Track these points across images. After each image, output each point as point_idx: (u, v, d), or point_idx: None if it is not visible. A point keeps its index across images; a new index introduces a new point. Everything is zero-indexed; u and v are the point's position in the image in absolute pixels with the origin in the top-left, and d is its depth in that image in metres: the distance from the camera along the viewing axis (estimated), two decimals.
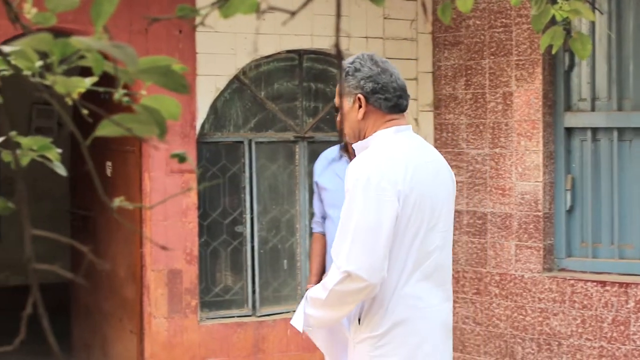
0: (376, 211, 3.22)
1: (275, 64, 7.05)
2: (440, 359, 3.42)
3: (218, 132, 6.87)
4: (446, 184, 3.47)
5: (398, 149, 3.35)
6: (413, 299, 3.34)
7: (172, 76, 1.39)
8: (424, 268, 3.37)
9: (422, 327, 3.36)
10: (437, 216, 3.40)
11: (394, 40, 7.24)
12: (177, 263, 6.57)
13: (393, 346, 3.35)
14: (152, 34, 6.48)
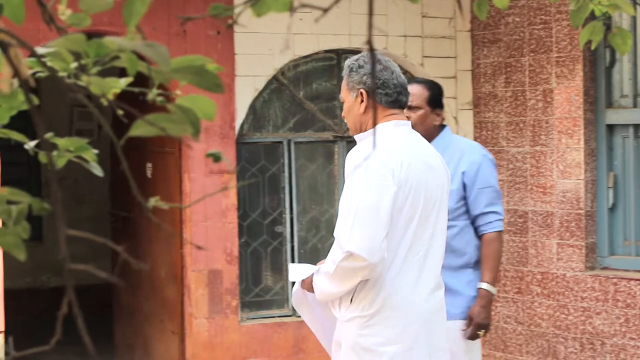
0: (376, 194, 3.41)
1: (313, 63, 7.04)
2: (426, 344, 3.57)
3: (257, 133, 6.88)
4: (440, 178, 3.65)
5: (395, 140, 3.55)
6: (404, 284, 3.52)
7: (206, 75, 1.39)
8: (416, 255, 3.55)
9: (409, 311, 3.54)
10: (431, 207, 3.58)
11: (432, 38, 7.21)
12: (218, 263, 6.59)
13: (381, 328, 3.52)
14: (190, 36, 6.51)
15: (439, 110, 4.43)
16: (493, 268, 4.32)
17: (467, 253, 4.36)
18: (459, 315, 4.32)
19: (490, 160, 4.44)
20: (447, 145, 4.40)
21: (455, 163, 4.35)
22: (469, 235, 4.37)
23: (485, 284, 4.31)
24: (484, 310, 4.27)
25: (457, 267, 4.35)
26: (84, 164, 1.72)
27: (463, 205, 4.36)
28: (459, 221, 4.35)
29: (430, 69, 7.12)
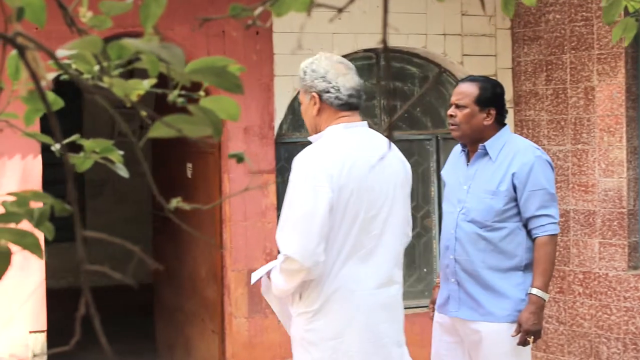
0: (312, 200, 3.57)
1: (352, 63, 7.01)
2: (375, 339, 3.71)
3: (296, 132, 6.88)
4: (394, 176, 3.80)
5: (340, 143, 3.71)
6: (348, 280, 3.67)
7: (226, 76, 1.39)
8: (361, 253, 3.69)
9: (353, 307, 3.68)
10: (379, 206, 3.72)
11: (472, 36, 7.16)
12: (257, 263, 6.59)
13: (325, 322, 3.69)
14: (229, 37, 6.53)
15: (489, 110, 4.35)
16: (544, 272, 4.21)
17: (518, 255, 4.28)
18: (505, 318, 4.25)
19: (545, 161, 4.31)
20: (502, 145, 4.32)
21: (507, 164, 4.28)
22: (520, 238, 4.28)
23: (536, 289, 4.21)
24: (533, 316, 4.17)
25: (506, 269, 4.28)
26: (110, 165, 1.73)
27: (514, 207, 4.27)
28: (508, 223, 4.27)
29: (470, 68, 7.08)
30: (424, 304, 7.09)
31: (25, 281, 6.04)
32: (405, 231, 3.87)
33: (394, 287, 3.78)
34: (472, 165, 4.41)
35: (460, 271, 4.38)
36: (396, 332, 3.83)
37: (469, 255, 4.34)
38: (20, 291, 6.03)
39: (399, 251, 3.82)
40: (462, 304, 4.38)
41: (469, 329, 4.37)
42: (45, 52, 1.20)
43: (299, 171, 3.67)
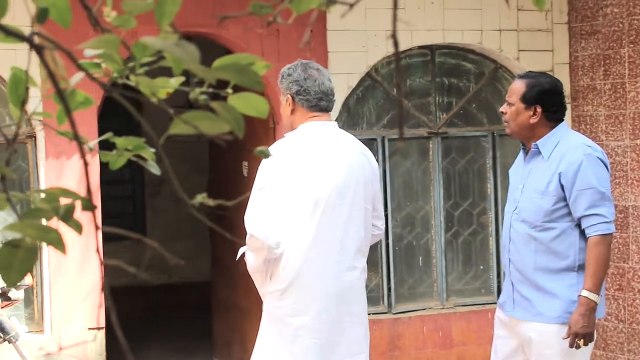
0: (268, 187, 4.16)
1: (407, 60, 7.01)
2: (335, 319, 4.22)
3: (351, 130, 6.87)
4: (358, 171, 4.30)
5: (305, 140, 4.28)
6: (311, 264, 4.17)
7: (247, 73, 1.40)
8: (324, 240, 4.20)
9: (316, 288, 4.19)
10: (342, 197, 4.23)
11: (528, 32, 7.09)
12: None
13: (290, 301, 4.20)
14: (283, 35, 6.55)
15: (535, 108, 4.27)
16: (594, 274, 4.11)
17: (570, 256, 4.20)
18: (556, 319, 4.19)
19: (595, 159, 4.20)
20: (556, 143, 4.24)
21: (556, 163, 4.20)
22: (572, 238, 4.20)
23: (585, 291, 4.12)
24: (582, 318, 4.09)
25: (558, 270, 4.22)
26: (142, 162, 1.75)
27: (564, 207, 4.20)
28: (558, 223, 4.20)
29: (526, 63, 7.01)
30: (481, 301, 7.07)
31: (84, 279, 6.14)
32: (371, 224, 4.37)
33: (354, 272, 4.29)
34: (527, 164, 4.36)
35: (515, 271, 4.34)
36: (355, 314, 4.31)
37: (521, 255, 4.30)
38: (79, 289, 6.13)
39: (363, 240, 4.32)
40: (516, 304, 4.35)
41: (522, 329, 4.33)
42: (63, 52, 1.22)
43: (265, 162, 4.25)
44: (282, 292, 4.21)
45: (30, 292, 6.21)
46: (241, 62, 1.55)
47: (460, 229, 7.10)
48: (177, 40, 1.24)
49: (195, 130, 1.30)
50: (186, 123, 1.29)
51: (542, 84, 4.32)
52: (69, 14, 1.38)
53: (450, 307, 7.02)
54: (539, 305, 4.25)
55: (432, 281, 7.06)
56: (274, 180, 4.16)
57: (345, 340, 4.29)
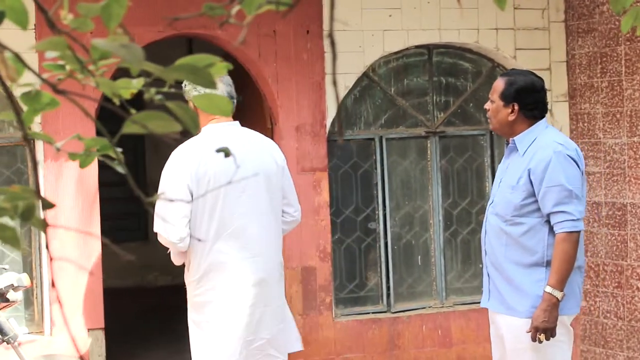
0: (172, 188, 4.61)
1: (404, 59, 7.04)
2: (248, 301, 4.71)
3: (349, 130, 6.91)
4: (260, 165, 4.79)
5: (203, 140, 4.72)
6: (219, 253, 4.68)
7: (201, 73, 1.43)
8: (229, 231, 4.68)
9: (226, 276, 4.68)
10: (242, 190, 4.71)
11: (525, 30, 7.11)
12: (311, 260, 6.65)
13: (206, 288, 4.70)
14: (280, 36, 6.58)
15: (513, 105, 4.35)
16: (558, 270, 4.17)
17: (539, 252, 4.27)
18: (524, 314, 4.26)
19: (565, 157, 4.26)
20: (533, 140, 4.32)
21: (528, 160, 4.28)
22: (541, 234, 4.27)
23: (549, 287, 4.19)
24: (543, 313, 4.16)
25: (527, 265, 4.28)
26: (110, 163, 1.78)
27: (533, 202, 4.26)
28: (527, 218, 4.27)
29: (523, 62, 7.03)
30: (480, 300, 7.07)
31: (83, 279, 6.17)
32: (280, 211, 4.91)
33: (261, 257, 4.76)
34: (506, 159, 4.45)
35: (489, 263, 4.42)
36: (267, 297, 4.80)
37: (494, 248, 4.38)
38: (79, 289, 6.16)
39: (272, 227, 4.84)
40: (491, 295, 4.42)
41: (496, 321, 4.40)
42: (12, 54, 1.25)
43: (167, 163, 4.75)
44: (197, 282, 4.75)
45: (30, 294, 6.25)
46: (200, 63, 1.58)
47: (459, 227, 7.12)
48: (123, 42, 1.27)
49: (145, 130, 1.33)
50: (136, 123, 1.32)
51: (519, 82, 4.37)
52: (25, 16, 1.41)
53: (449, 306, 7.04)
54: (509, 299, 4.31)
55: (431, 280, 7.08)
56: (176, 183, 4.65)
57: (260, 323, 4.79)
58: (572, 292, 4.28)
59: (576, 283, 4.31)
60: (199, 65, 1.44)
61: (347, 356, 6.72)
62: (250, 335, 4.75)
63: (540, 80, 4.47)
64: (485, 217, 4.50)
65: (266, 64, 6.56)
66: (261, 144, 4.95)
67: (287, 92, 6.60)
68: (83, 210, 6.17)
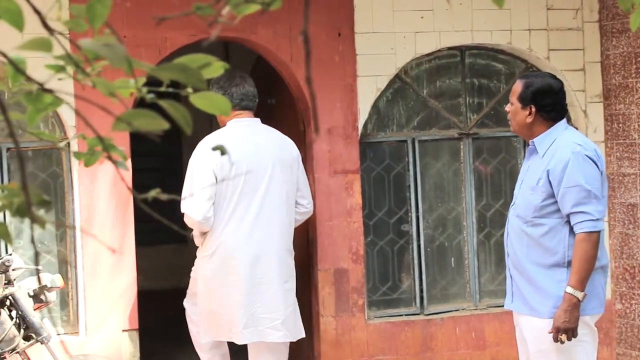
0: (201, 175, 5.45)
1: (436, 61, 7.03)
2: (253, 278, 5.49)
3: (381, 132, 6.92)
4: (275, 157, 5.56)
5: (228, 134, 5.54)
6: (229, 235, 5.48)
7: (190, 72, 1.46)
8: (241, 215, 5.47)
9: (234, 254, 5.49)
10: (258, 180, 5.47)
11: (558, 31, 7.07)
12: (343, 262, 6.67)
13: (216, 264, 5.52)
14: (312, 38, 6.58)
15: (530, 107, 4.36)
16: (578, 270, 4.16)
17: (559, 252, 4.26)
18: (546, 314, 4.25)
19: (583, 157, 4.26)
20: (552, 141, 4.34)
21: (547, 161, 4.29)
22: (561, 234, 4.27)
23: (569, 288, 4.19)
24: (564, 314, 4.15)
25: (548, 266, 4.28)
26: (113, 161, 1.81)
27: (552, 203, 4.26)
28: (548, 219, 4.27)
29: (556, 63, 6.99)
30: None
31: (118, 281, 6.24)
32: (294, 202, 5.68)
33: (271, 241, 5.53)
34: (527, 161, 4.47)
35: (511, 264, 4.43)
36: (271, 277, 5.52)
37: (515, 249, 4.39)
38: (113, 291, 6.24)
39: (284, 215, 5.60)
40: (515, 296, 4.42)
41: (520, 322, 4.39)
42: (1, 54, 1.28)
43: (196, 153, 5.53)
44: (209, 257, 5.54)
45: (65, 295, 6.33)
46: (197, 63, 1.61)
47: (492, 229, 7.09)
48: (106, 41, 1.30)
49: (132, 128, 1.36)
50: (123, 121, 1.35)
51: (536, 84, 4.38)
52: (21, 17, 1.45)
53: (483, 308, 7.02)
54: (531, 300, 4.31)
55: (464, 282, 7.06)
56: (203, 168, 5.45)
57: (262, 301, 5.52)
58: (595, 292, 4.26)
59: (599, 283, 4.29)
60: (189, 65, 1.46)
61: (379, 358, 6.72)
62: (262, 313, 5.52)
63: (558, 82, 4.47)
64: (508, 219, 4.52)
65: (298, 66, 6.59)
66: (279, 139, 5.72)
67: (319, 94, 6.62)
68: (117, 212, 6.24)
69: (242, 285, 5.49)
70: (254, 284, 5.50)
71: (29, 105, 1.73)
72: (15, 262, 5.41)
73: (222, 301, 5.54)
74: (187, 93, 1.68)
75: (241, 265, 5.48)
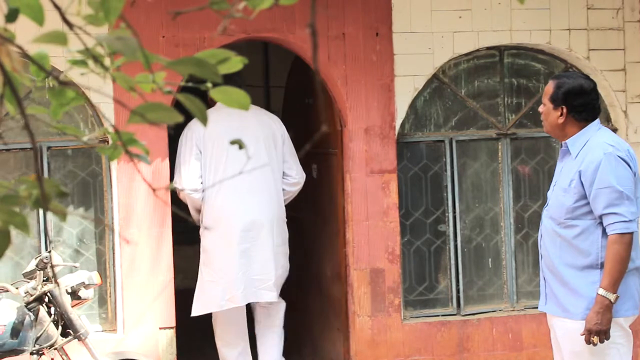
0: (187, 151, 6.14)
1: (474, 61, 7.00)
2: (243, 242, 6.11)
3: (419, 132, 6.91)
4: (260, 132, 6.26)
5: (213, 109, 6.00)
6: (221, 208, 6.12)
7: (206, 66, 1.47)
8: (230, 189, 6.06)
9: (229, 223, 6.10)
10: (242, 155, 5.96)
11: (598, 30, 7.01)
12: (380, 262, 6.67)
13: (213, 236, 6.13)
14: (349, 38, 6.62)
15: (562, 108, 4.34)
16: (610, 272, 4.12)
17: (593, 253, 4.22)
18: (579, 316, 4.21)
19: (615, 158, 4.22)
20: (585, 142, 4.31)
21: (580, 162, 4.26)
22: (594, 236, 4.23)
23: (601, 290, 4.15)
24: (596, 316, 4.12)
25: (582, 267, 4.24)
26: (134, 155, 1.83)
27: (585, 205, 4.22)
28: (581, 221, 4.23)
29: (597, 63, 6.93)
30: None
31: (155, 279, 6.30)
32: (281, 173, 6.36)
33: (261, 209, 6.17)
34: (560, 162, 4.44)
35: (545, 266, 4.40)
36: (264, 238, 6.17)
37: (549, 251, 4.35)
38: (151, 289, 6.29)
39: (270, 185, 6.24)
40: (548, 298, 4.39)
41: (553, 324, 4.36)
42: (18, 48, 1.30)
43: (184, 131, 6.20)
44: (207, 231, 6.14)
45: (104, 292, 6.39)
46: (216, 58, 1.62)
47: (530, 230, 7.05)
48: (120, 35, 1.32)
49: (146, 120, 1.37)
50: (137, 114, 1.37)
51: (567, 85, 4.34)
52: (41, 13, 1.47)
53: (520, 309, 6.98)
54: (565, 301, 4.27)
55: (502, 283, 7.02)
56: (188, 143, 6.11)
57: (256, 263, 6.15)
58: (629, 294, 4.22)
59: (634, 285, 4.25)
60: (206, 59, 1.47)
61: (415, 358, 6.71)
62: (256, 275, 6.15)
63: (590, 83, 4.43)
64: (541, 221, 4.48)
65: (335, 66, 6.60)
66: (265, 116, 6.41)
67: (356, 94, 6.62)
68: (155, 211, 6.29)
69: (236, 251, 6.09)
70: (247, 248, 6.11)
71: (52, 100, 1.75)
72: (54, 259, 5.48)
73: (221, 270, 6.14)
74: (206, 88, 1.69)
75: (235, 233, 6.08)
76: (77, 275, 5.55)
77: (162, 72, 1.69)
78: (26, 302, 5.36)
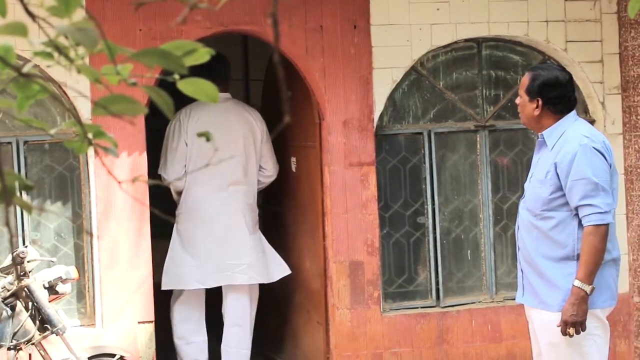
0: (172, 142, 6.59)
1: (452, 53, 6.99)
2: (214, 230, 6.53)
3: (397, 124, 6.90)
4: (238, 128, 6.64)
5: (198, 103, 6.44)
6: (196, 194, 6.53)
7: (171, 58, 1.46)
8: (208, 176, 6.46)
9: (202, 211, 6.52)
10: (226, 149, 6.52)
11: (576, 22, 7.02)
12: (359, 255, 6.67)
13: (187, 219, 6.58)
14: (327, 31, 6.61)
15: (537, 100, 4.35)
16: (586, 264, 4.14)
17: (569, 245, 4.24)
18: (556, 307, 4.23)
19: (591, 150, 4.23)
20: (561, 133, 4.32)
21: (555, 154, 4.28)
22: (570, 228, 4.24)
23: (577, 281, 4.17)
24: (572, 307, 4.14)
25: (558, 259, 4.26)
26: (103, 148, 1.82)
27: (561, 196, 4.24)
28: (557, 212, 4.25)
29: (574, 54, 6.95)
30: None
31: (134, 274, 6.28)
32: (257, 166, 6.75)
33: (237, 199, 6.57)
34: (537, 153, 4.45)
35: (522, 258, 4.41)
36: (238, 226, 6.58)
37: (525, 243, 4.36)
38: (129, 283, 6.27)
39: (247, 178, 6.67)
40: (525, 290, 4.40)
41: (531, 316, 4.37)
42: None
43: (171, 122, 6.56)
44: (184, 214, 6.57)
45: (82, 287, 6.37)
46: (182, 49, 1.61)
47: (509, 222, 7.05)
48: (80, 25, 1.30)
49: (109, 112, 1.36)
50: (100, 106, 1.35)
51: (542, 77, 4.35)
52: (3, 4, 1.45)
53: (499, 301, 6.99)
54: (542, 293, 4.29)
55: (480, 275, 7.04)
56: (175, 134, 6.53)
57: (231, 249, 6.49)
58: (606, 285, 4.23)
59: (610, 276, 4.27)
60: (172, 51, 1.46)
61: (395, 350, 6.72)
62: (230, 259, 6.49)
63: (566, 75, 4.44)
64: (518, 213, 4.50)
65: (313, 59, 6.58)
66: (246, 112, 6.80)
67: (334, 86, 6.61)
68: (133, 205, 6.26)
69: (212, 236, 6.50)
70: (222, 234, 6.50)
71: (17, 92, 1.74)
72: (31, 254, 5.45)
73: (195, 250, 6.52)
74: (173, 79, 1.68)
75: (211, 221, 6.49)
76: (55, 269, 5.53)
77: (129, 64, 1.68)
78: (3, 297, 5.34)
